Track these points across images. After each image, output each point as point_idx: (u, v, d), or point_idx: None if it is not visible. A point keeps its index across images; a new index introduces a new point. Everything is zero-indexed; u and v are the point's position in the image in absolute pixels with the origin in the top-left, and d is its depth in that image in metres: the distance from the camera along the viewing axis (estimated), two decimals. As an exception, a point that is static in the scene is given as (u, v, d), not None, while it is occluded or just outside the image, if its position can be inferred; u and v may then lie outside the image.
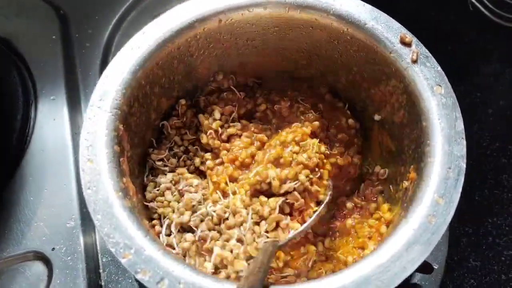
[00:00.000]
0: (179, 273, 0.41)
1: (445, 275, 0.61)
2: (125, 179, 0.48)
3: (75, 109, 0.74)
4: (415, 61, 0.51)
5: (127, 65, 0.51)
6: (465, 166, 0.46)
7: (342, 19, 0.54)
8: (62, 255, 0.62)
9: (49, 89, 0.74)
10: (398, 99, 0.54)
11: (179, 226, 0.52)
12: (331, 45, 0.58)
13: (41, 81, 0.75)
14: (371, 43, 0.54)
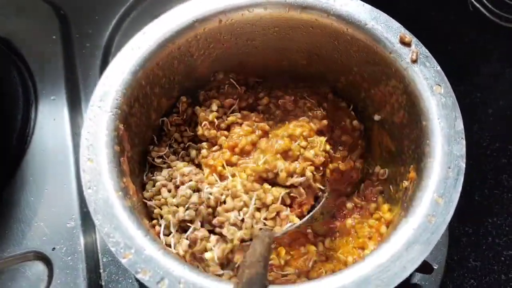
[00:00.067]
0: (179, 272, 0.41)
1: (445, 275, 0.61)
2: (125, 179, 0.48)
3: (75, 109, 0.74)
4: (414, 61, 0.51)
5: (127, 65, 0.51)
6: (464, 166, 0.46)
7: (342, 19, 0.54)
8: (62, 255, 0.62)
9: (49, 89, 0.74)
10: (398, 99, 0.55)
11: (177, 225, 0.52)
12: (331, 45, 0.58)
13: (41, 81, 0.75)
14: (371, 43, 0.54)
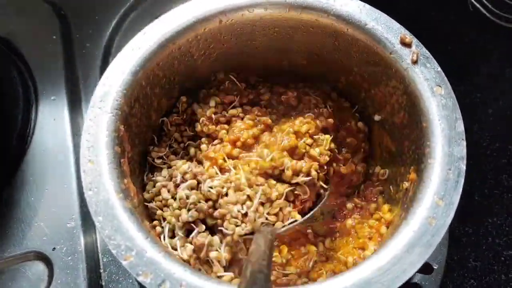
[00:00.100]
0: (181, 275, 0.41)
1: (445, 275, 0.61)
2: (126, 180, 0.48)
3: (76, 109, 0.74)
4: (415, 62, 0.51)
5: (127, 65, 0.51)
6: (465, 167, 0.46)
7: (342, 20, 0.54)
8: (62, 255, 0.62)
9: (50, 90, 0.74)
10: (398, 100, 0.54)
11: (182, 229, 0.51)
12: (331, 45, 0.58)
13: (42, 81, 0.75)
14: (371, 44, 0.54)
